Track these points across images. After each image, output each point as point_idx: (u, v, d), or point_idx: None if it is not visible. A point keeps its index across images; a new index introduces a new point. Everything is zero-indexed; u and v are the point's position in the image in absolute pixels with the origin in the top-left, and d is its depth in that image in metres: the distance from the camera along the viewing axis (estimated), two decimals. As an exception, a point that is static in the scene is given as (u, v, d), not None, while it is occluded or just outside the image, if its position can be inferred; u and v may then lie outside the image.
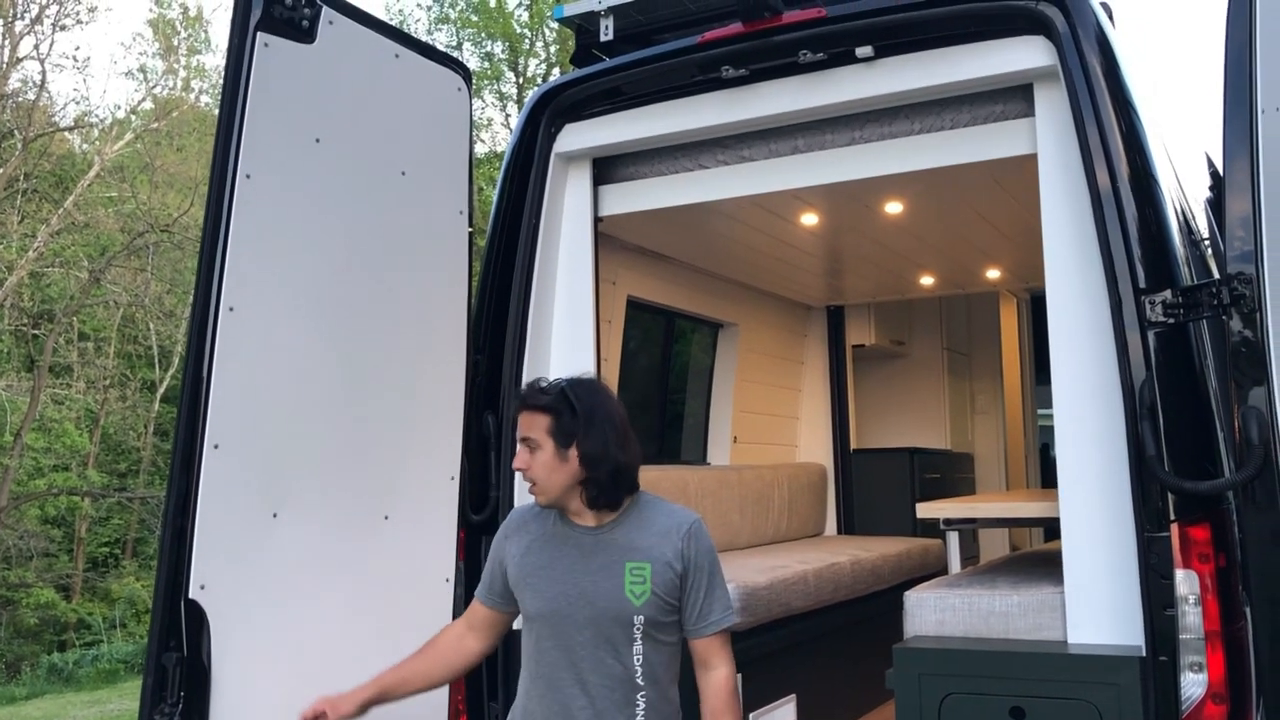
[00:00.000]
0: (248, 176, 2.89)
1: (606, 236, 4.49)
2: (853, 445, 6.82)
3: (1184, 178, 4.45)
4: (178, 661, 2.72)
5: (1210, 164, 5.00)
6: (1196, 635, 2.68)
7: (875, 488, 6.75)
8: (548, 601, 2.61)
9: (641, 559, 2.59)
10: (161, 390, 22.59)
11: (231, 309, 2.86)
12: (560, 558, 2.64)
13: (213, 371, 2.81)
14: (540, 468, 2.61)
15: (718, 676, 2.63)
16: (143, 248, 20.83)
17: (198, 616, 2.76)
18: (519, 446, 2.66)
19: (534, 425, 2.63)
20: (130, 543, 22.24)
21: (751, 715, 3.90)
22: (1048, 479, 7.71)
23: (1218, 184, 4.44)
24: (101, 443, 22.32)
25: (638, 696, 2.58)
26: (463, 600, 3.51)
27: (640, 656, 2.58)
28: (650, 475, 4.90)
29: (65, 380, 22.01)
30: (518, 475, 3.71)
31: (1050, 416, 3.12)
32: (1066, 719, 2.83)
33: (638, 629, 2.57)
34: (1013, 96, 3.33)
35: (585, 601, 2.58)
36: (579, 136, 3.83)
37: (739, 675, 3.77)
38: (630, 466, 2.66)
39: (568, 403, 2.63)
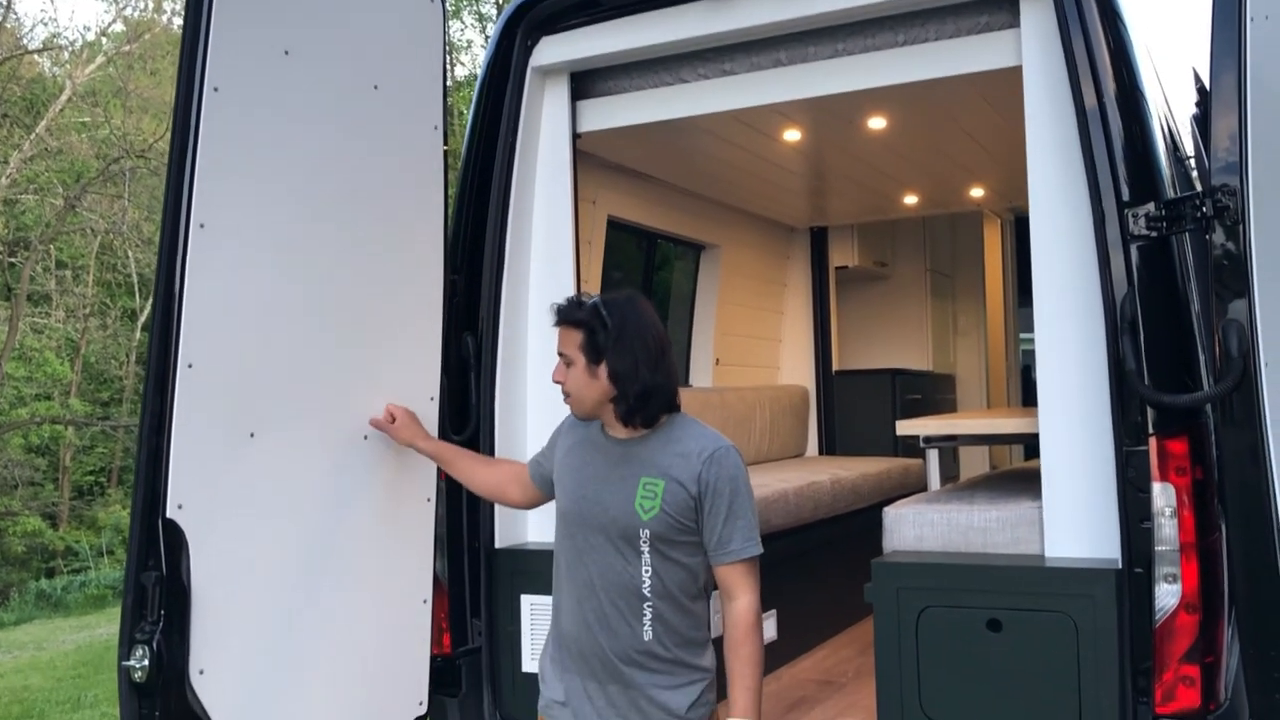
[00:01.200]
0: (215, 89, 2.81)
1: (585, 154, 4.42)
2: (835, 367, 6.83)
3: (1171, 95, 4.39)
4: (157, 580, 2.71)
5: (1197, 79, 4.94)
6: (1172, 547, 2.71)
7: (857, 409, 6.78)
8: (572, 502, 2.71)
9: (657, 475, 2.61)
10: (142, 319, 22.43)
11: (202, 225, 2.80)
12: (589, 463, 2.72)
13: (184, 289, 2.76)
14: (574, 382, 2.68)
15: (738, 606, 2.61)
16: (118, 174, 20.51)
17: (176, 536, 2.74)
18: (558, 360, 2.72)
19: (568, 340, 2.68)
20: (115, 471, 22.26)
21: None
22: (1029, 400, 7.75)
23: (1204, 99, 4.39)
24: (83, 372, 22.21)
25: (644, 607, 2.61)
26: (444, 519, 3.52)
27: (649, 569, 2.61)
28: (632, 396, 4.91)
29: (44, 309, 21.83)
30: (497, 397, 3.75)
31: (1032, 340, 3.11)
32: (1043, 630, 2.87)
33: (644, 542, 2.60)
34: (998, 7, 3.27)
35: (600, 508, 2.65)
36: (556, 49, 3.75)
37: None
38: (662, 387, 2.65)
39: (600, 319, 2.64)
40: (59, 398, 21.19)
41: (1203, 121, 4.44)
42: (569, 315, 2.68)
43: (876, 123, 4.63)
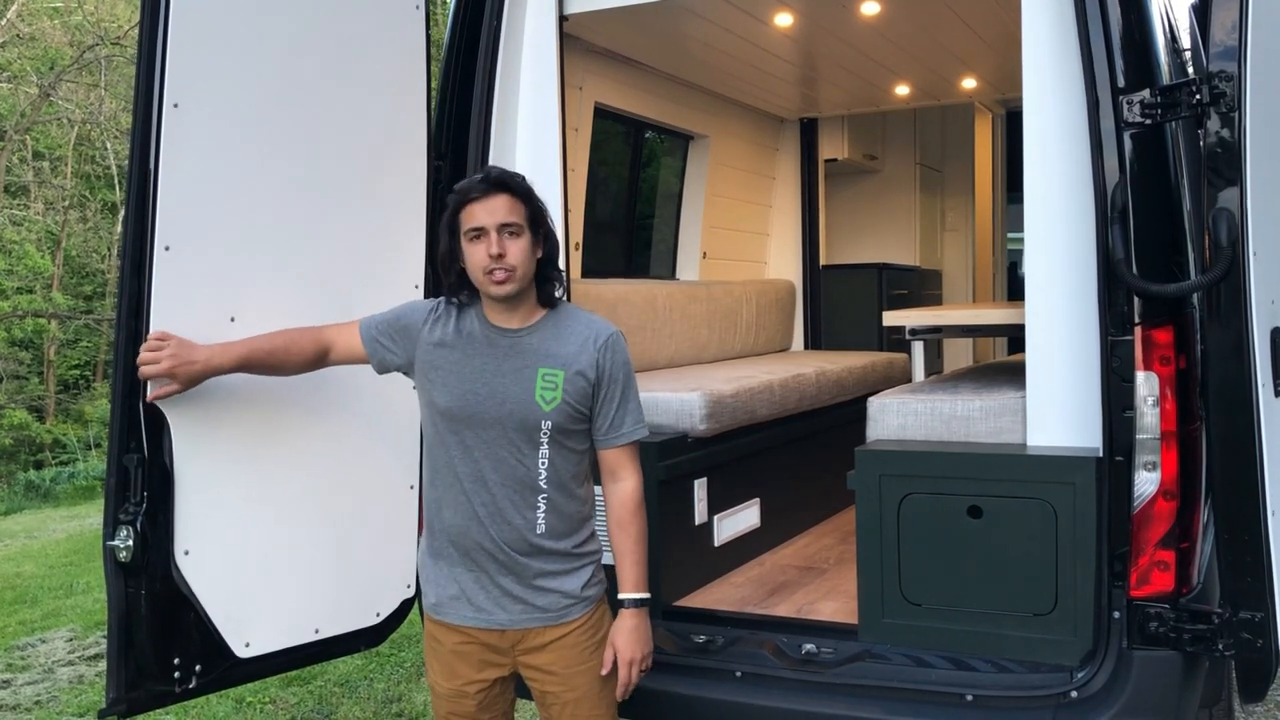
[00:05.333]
0: (187, -38, 2.72)
1: (572, 38, 4.31)
2: (822, 261, 6.80)
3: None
4: (139, 463, 2.71)
5: (1198, -34, 4.82)
6: (1153, 436, 2.73)
7: (843, 304, 6.77)
8: (456, 398, 2.59)
9: (555, 366, 2.58)
10: (123, 212, 22.11)
11: (176, 105, 2.74)
12: (474, 356, 2.61)
13: (159, 171, 2.70)
14: (519, 255, 2.54)
15: (625, 488, 2.67)
16: (93, 62, 20.01)
17: (157, 419, 2.74)
18: (495, 233, 2.51)
19: (516, 210, 2.54)
20: (100, 365, 22.21)
21: (715, 517, 3.99)
22: (1014, 298, 7.76)
23: (1205, -14, 4.29)
24: (65, 265, 21.99)
25: (538, 499, 2.60)
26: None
27: (545, 461, 2.59)
28: (619, 289, 4.90)
29: (23, 201, 21.49)
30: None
31: (1019, 239, 3.09)
32: (1023, 517, 2.90)
33: (544, 434, 2.58)
34: (998, -116, 3.16)
35: (495, 402, 2.57)
36: (542, -74, 3.62)
37: (705, 479, 3.87)
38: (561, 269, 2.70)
39: (532, 193, 2.61)
40: (41, 291, 21.03)
41: (1201, 9, 4.35)
42: (517, 184, 2.55)
43: (870, 8, 4.51)
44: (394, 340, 2.73)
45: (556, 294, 2.66)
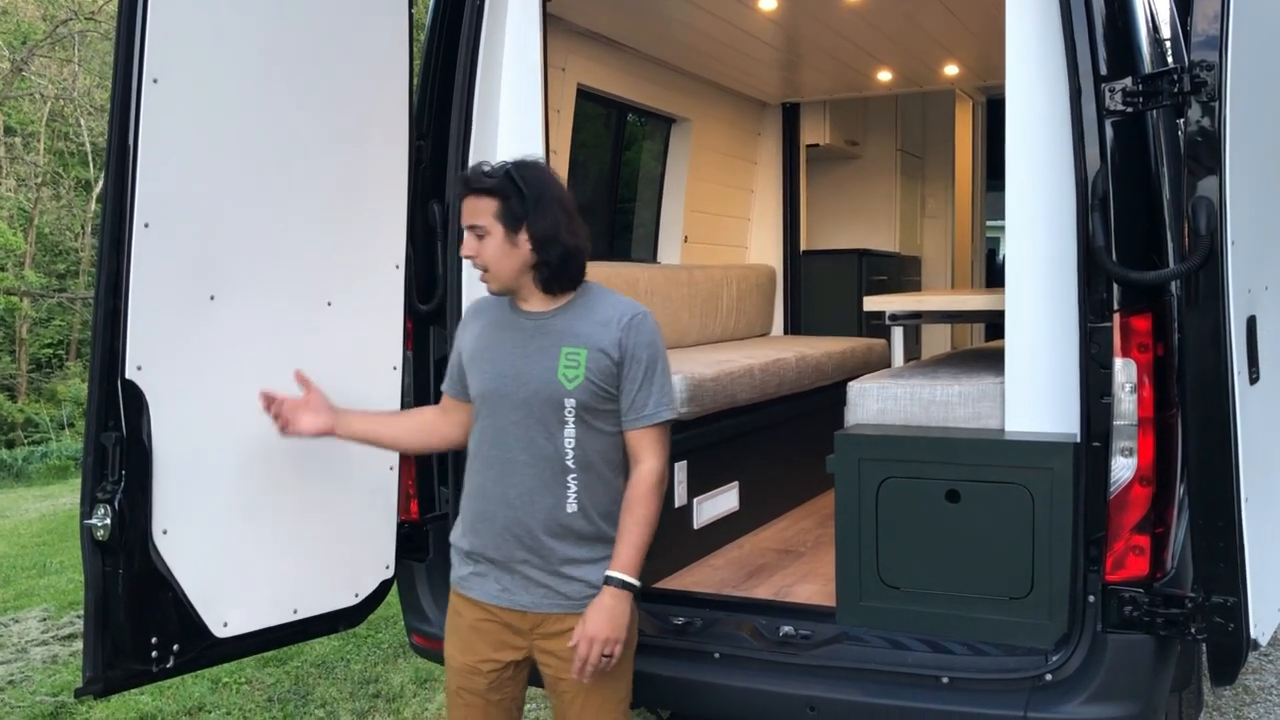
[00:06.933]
0: (166, -64, 2.68)
1: (555, 18, 4.29)
2: (803, 246, 6.81)
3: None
4: (117, 440, 2.69)
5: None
6: (1130, 422, 2.75)
7: (823, 289, 6.80)
8: (487, 381, 2.66)
9: (578, 344, 2.61)
10: (97, 190, 21.89)
11: (155, 81, 2.71)
12: (503, 341, 2.67)
13: (138, 147, 2.67)
14: (490, 254, 2.59)
15: (643, 469, 2.66)
16: (67, 36, 19.76)
17: (135, 397, 2.72)
18: (466, 234, 2.61)
19: (480, 211, 2.59)
20: (74, 344, 22.01)
21: (695, 500, 4.01)
22: (992, 284, 7.80)
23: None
24: (37, 243, 21.74)
25: (568, 479, 2.62)
26: (411, 389, 3.51)
27: (572, 440, 2.61)
28: (601, 272, 4.88)
29: (-6, 177, 21.25)
30: (466, 264, 3.69)
31: (998, 227, 3.10)
32: (1000, 501, 2.93)
33: (569, 412, 2.60)
34: None
35: (520, 383, 2.62)
36: (525, -96, 3.59)
37: (685, 462, 3.88)
38: (580, 250, 2.65)
39: (514, 185, 2.58)
40: (13, 269, 20.79)
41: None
42: (480, 184, 2.59)
43: (854, -7, 4.52)
44: (454, 365, 2.83)
45: (551, 279, 2.63)
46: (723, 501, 4.25)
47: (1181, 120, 2.65)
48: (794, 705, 3.02)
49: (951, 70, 6.17)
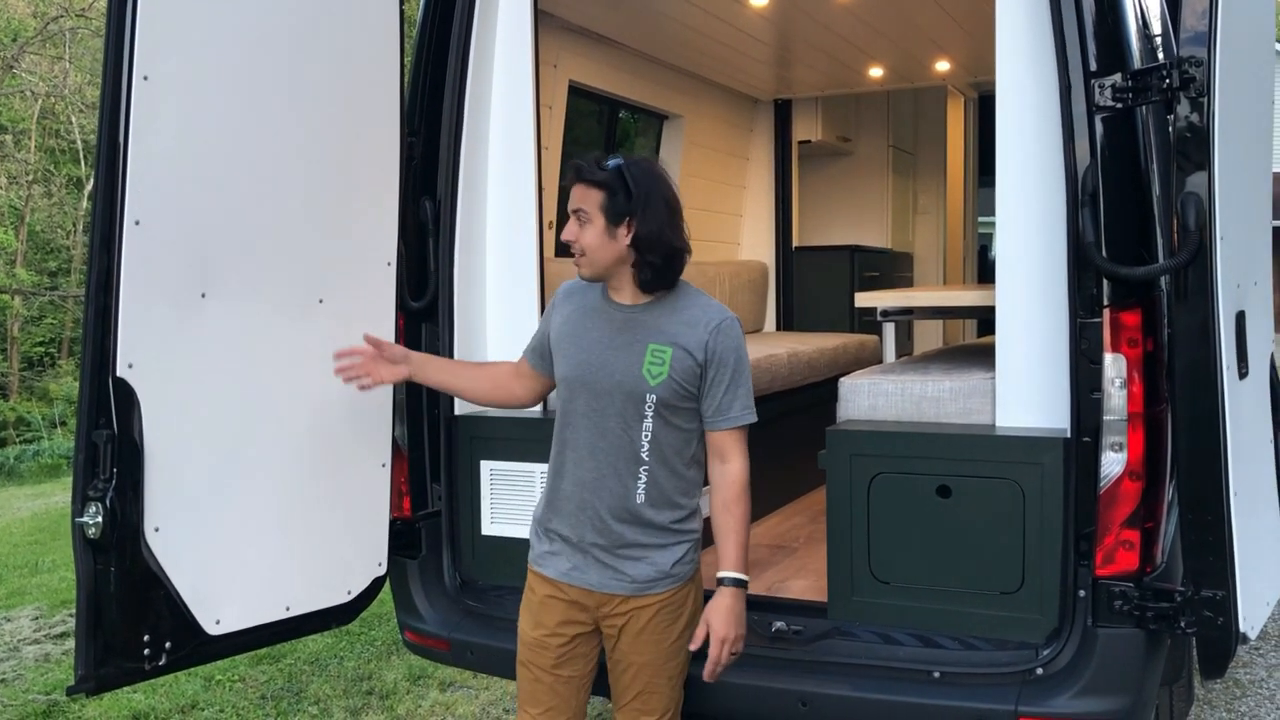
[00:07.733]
0: (156, -67, 2.67)
1: (547, 15, 4.29)
2: (795, 243, 6.82)
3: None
4: (108, 438, 2.69)
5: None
6: (1120, 417, 2.76)
7: (815, 285, 6.81)
8: (572, 367, 2.74)
9: (664, 343, 2.67)
10: (88, 188, 21.82)
11: (146, 78, 2.70)
12: (591, 329, 2.74)
13: (128, 144, 2.67)
14: (589, 240, 2.66)
15: (732, 469, 2.74)
16: (58, 34, 19.70)
17: (127, 394, 2.71)
18: (571, 218, 2.68)
19: (587, 198, 2.67)
20: (66, 342, 21.96)
21: (687, 497, 4.00)
22: (984, 280, 7.81)
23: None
24: (29, 241, 21.69)
25: (640, 470, 2.69)
26: (403, 385, 3.51)
27: (649, 433, 2.68)
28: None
29: (-15, 175, 21.18)
30: (456, 263, 3.70)
31: (989, 223, 3.11)
32: (991, 496, 2.94)
33: (649, 407, 2.67)
34: None
35: (605, 373, 2.69)
36: (516, -100, 3.59)
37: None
38: (681, 251, 2.70)
39: (623, 181, 2.65)
40: (4, 267, 20.74)
41: (1173, -4, 4.39)
42: (590, 175, 2.67)
43: (845, -11, 4.53)
44: (541, 338, 2.90)
45: (652, 279, 2.67)
46: (715, 497, 4.26)
47: (1171, 116, 2.66)
48: (786, 700, 3.04)
49: (943, 66, 6.18)
